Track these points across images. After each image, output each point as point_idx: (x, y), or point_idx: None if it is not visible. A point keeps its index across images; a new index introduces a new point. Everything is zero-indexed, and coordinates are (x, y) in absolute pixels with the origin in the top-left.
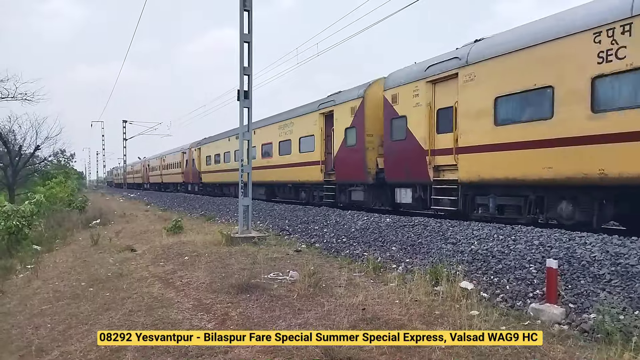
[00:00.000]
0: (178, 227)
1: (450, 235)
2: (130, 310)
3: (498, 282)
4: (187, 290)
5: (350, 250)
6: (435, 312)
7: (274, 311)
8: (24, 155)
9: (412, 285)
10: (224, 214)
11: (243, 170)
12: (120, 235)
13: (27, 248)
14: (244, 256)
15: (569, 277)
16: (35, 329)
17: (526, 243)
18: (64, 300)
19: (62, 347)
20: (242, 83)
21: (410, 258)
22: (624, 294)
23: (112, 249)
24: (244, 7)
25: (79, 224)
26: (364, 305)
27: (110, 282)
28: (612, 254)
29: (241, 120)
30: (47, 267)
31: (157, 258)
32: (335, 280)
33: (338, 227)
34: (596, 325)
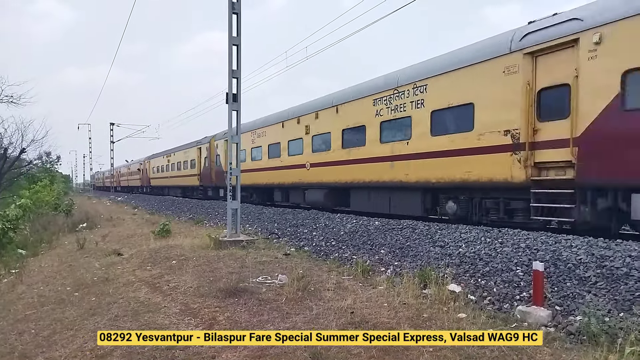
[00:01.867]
0: (166, 230)
1: (439, 238)
2: (117, 315)
3: (485, 285)
4: (175, 294)
5: (339, 254)
6: (423, 315)
7: (262, 315)
8: (9, 158)
9: (401, 288)
10: (212, 217)
11: (232, 174)
12: (106, 239)
13: (12, 252)
14: (233, 260)
15: (555, 280)
16: (19, 335)
17: (513, 246)
18: (48, 305)
19: (47, 353)
20: (231, 86)
21: (398, 261)
22: (609, 296)
23: (98, 253)
24: (233, 10)
25: (65, 228)
26: (353, 308)
27: (96, 287)
28: (597, 256)
29: (230, 123)
30: (32, 271)
31: (144, 262)
32: (324, 284)
33: (327, 231)
34: (582, 328)
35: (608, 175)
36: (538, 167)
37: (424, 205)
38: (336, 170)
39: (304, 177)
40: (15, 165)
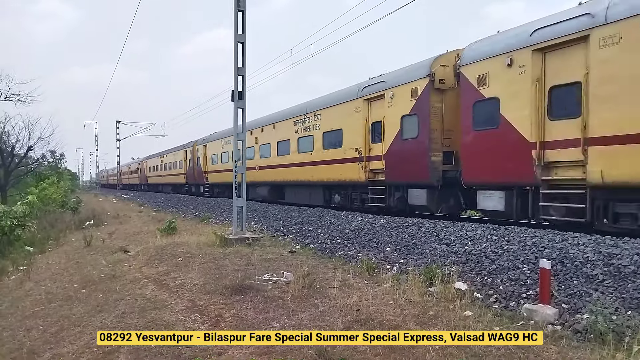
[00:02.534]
0: (172, 228)
1: (444, 235)
2: (123, 312)
3: (491, 283)
4: (181, 291)
5: (344, 251)
6: (429, 313)
7: (268, 312)
8: (16, 155)
9: (407, 286)
10: (218, 215)
11: (237, 171)
12: (113, 236)
13: (20, 249)
14: (238, 257)
15: (562, 278)
16: (27, 331)
17: (519, 244)
18: (56, 302)
19: (55, 349)
20: (236, 84)
21: (404, 259)
22: (616, 294)
23: (105, 250)
24: (238, 8)
25: (72, 225)
26: (358, 306)
27: (103, 284)
28: (604, 254)
29: (235, 121)
30: (40, 268)
31: (150, 259)
32: (330, 281)
33: (332, 228)
34: (589, 326)
35: (395, 179)
36: (373, 172)
37: (324, 198)
38: (275, 172)
39: (255, 177)
40: (22, 162)
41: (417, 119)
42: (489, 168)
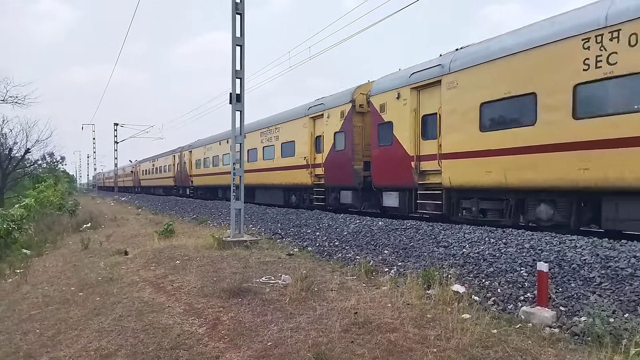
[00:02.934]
0: (169, 230)
1: (442, 238)
2: (121, 315)
3: (489, 286)
4: (178, 294)
5: (342, 254)
6: (427, 316)
7: (266, 315)
8: (14, 158)
9: (404, 289)
10: (215, 218)
11: (235, 174)
12: (110, 239)
13: (17, 252)
14: (236, 260)
15: (560, 280)
16: (24, 335)
17: (517, 246)
18: (53, 305)
19: (51, 352)
20: (234, 86)
21: (402, 261)
22: (614, 297)
23: (102, 253)
24: (236, 11)
25: (70, 228)
26: (356, 309)
27: (101, 287)
28: (602, 257)
29: (233, 123)
30: (37, 271)
31: (148, 262)
32: (328, 284)
33: (330, 231)
34: (587, 328)
35: (331, 182)
36: (317, 177)
37: (284, 199)
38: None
39: (228, 181)
40: (19, 165)
41: (344, 135)
42: (388, 175)
